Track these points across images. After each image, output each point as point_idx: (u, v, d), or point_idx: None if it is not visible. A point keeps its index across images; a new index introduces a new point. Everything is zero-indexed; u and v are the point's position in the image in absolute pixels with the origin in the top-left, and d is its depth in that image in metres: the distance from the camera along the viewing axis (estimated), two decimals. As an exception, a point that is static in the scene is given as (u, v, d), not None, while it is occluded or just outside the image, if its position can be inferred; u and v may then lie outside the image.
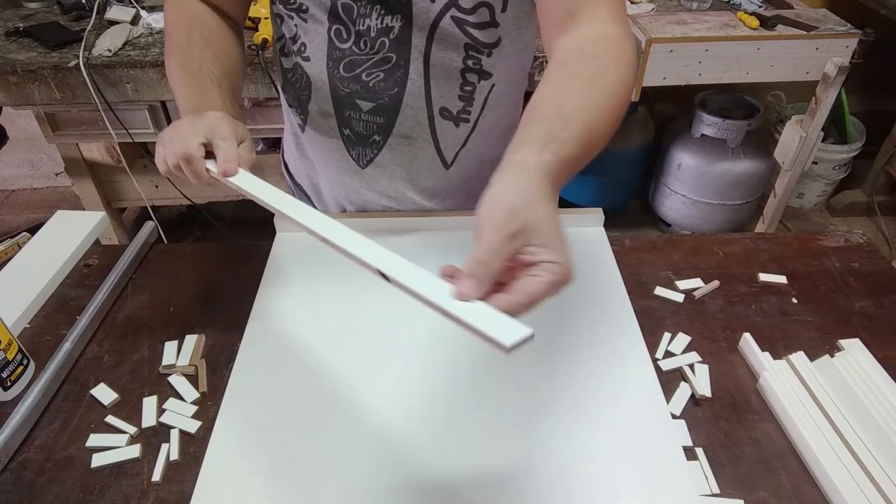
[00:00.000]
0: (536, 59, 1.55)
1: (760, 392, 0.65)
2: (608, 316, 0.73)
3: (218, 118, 0.64)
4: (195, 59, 0.71)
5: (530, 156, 0.49)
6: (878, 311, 0.75)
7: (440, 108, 0.78)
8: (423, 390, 0.64)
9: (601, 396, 0.63)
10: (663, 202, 2.26)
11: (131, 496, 0.56)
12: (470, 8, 0.69)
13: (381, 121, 0.79)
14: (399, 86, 0.76)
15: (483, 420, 0.62)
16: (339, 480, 0.56)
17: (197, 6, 0.76)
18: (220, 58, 0.73)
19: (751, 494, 0.56)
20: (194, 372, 0.67)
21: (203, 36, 0.73)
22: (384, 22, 0.71)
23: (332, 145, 0.84)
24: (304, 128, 0.85)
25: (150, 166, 1.90)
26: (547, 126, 0.52)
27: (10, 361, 0.64)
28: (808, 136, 1.63)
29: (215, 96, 0.69)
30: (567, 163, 0.51)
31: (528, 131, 0.53)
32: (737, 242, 0.86)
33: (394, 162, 0.83)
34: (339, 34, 0.73)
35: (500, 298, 0.44)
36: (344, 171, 0.86)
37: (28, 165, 2.57)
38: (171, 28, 0.75)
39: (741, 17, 1.73)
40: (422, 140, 0.81)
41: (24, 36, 1.62)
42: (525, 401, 0.63)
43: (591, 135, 0.54)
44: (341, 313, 0.73)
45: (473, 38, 0.72)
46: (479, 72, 0.76)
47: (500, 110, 0.83)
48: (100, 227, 0.89)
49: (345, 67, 0.75)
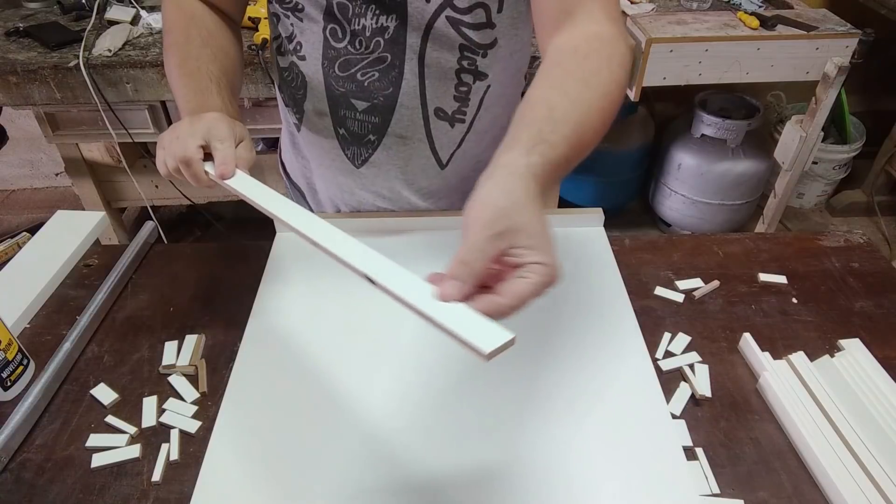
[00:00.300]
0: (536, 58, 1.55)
1: (760, 392, 0.65)
2: (608, 316, 0.73)
3: (215, 119, 0.64)
4: (193, 57, 0.71)
5: (518, 158, 0.49)
6: (878, 311, 0.75)
7: (435, 109, 0.78)
8: (423, 391, 0.64)
9: (601, 396, 0.63)
10: (663, 202, 2.26)
11: (131, 496, 0.56)
12: (465, 8, 0.69)
13: (376, 120, 0.79)
14: (394, 85, 0.76)
15: (483, 420, 0.62)
16: (338, 480, 0.56)
17: (196, 5, 0.76)
18: (219, 56, 0.73)
19: (751, 494, 0.56)
20: (194, 372, 0.67)
21: (201, 34, 0.73)
22: (379, 22, 0.71)
23: (328, 144, 0.84)
24: (299, 127, 0.86)
25: (149, 166, 1.90)
26: (536, 127, 0.52)
27: (10, 361, 0.64)
28: (808, 136, 1.63)
29: (214, 96, 0.69)
30: (555, 164, 0.51)
31: (518, 132, 0.53)
32: (737, 242, 0.86)
33: (389, 161, 0.83)
34: (335, 33, 0.73)
35: (485, 300, 0.43)
36: (339, 170, 0.86)
37: (28, 165, 2.57)
38: (170, 26, 0.75)
39: (741, 17, 1.73)
40: (417, 140, 0.81)
41: (24, 36, 1.62)
42: (525, 401, 0.63)
43: (581, 136, 0.54)
44: (341, 313, 0.73)
45: (468, 38, 0.72)
46: (475, 72, 0.76)
47: (497, 111, 0.83)
48: (100, 227, 0.89)
49: (340, 67, 0.75)
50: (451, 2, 0.69)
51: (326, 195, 0.91)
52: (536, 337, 0.70)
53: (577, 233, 0.85)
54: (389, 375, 0.66)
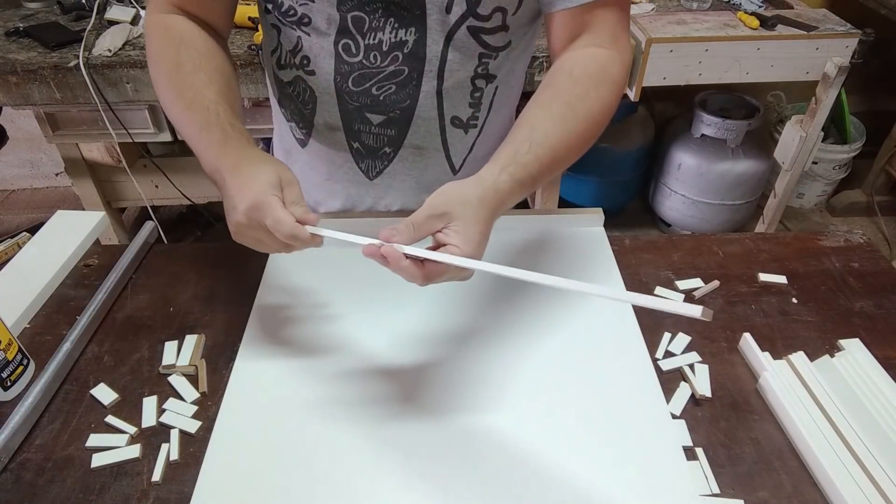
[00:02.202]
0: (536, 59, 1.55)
1: (760, 392, 0.65)
2: (608, 316, 0.73)
3: (260, 191, 0.57)
4: (188, 87, 0.66)
5: (489, 175, 0.58)
6: (878, 311, 0.75)
7: (452, 118, 0.77)
8: (423, 390, 0.64)
9: (601, 396, 0.63)
10: (663, 202, 2.26)
11: (131, 496, 0.56)
12: (487, 15, 0.68)
13: (393, 133, 0.78)
14: (411, 98, 0.74)
15: (482, 420, 0.62)
16: (338, 480, 0.56)
17: (184, 26, 0.71)
18: (214, 78, 0.67)
19: (751, 494, 0.56)
20: (194, 372, 0.67)
21: (192, 59, 0.68)
22: (398, 35, 0.69)
23: (340, 159, 0.82)
24: (306, 142, 0.83)
25: (149, 166, 1.90)
26: (514, 147, 0.61)
27: (10, 361, 0.64)
28: (808, 136, 1.63)
29: (216, 130, 0.63)
30: (521, 183, 0.59)
31: (500, 150, 0.62)
32: (737, 242, 0.86)
33: (404, 172, 0.82)
34: (348, 48, 0.70)
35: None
36: (351, 182, 0.84)
37: (28, 165, 2.57)
38: (157, 56, 0.70)
39: (741, 17, 1.73)
40: (433, 150, 0.80)
41: (24, 36, 1.62)
42: (525, 401, 0.63)
43: (554, 157, 0.62)
44: (341, 313, 0.73)
45: (486, 44, 0.71)
46: (486, 76, 0.75)
47: (504, 111, 0.82)
48: (100, 227, 0.89)
49: (354, 81, 0.73)
50: (473, 10, 0.67)
51: (325, 208, 0.89)
52: (536, 337, 0.70)
53: (577, 233, 0.85)
54: (389, 374, 0.66)
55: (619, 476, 0.56)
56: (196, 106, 0.65)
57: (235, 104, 0.69)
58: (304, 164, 0.87)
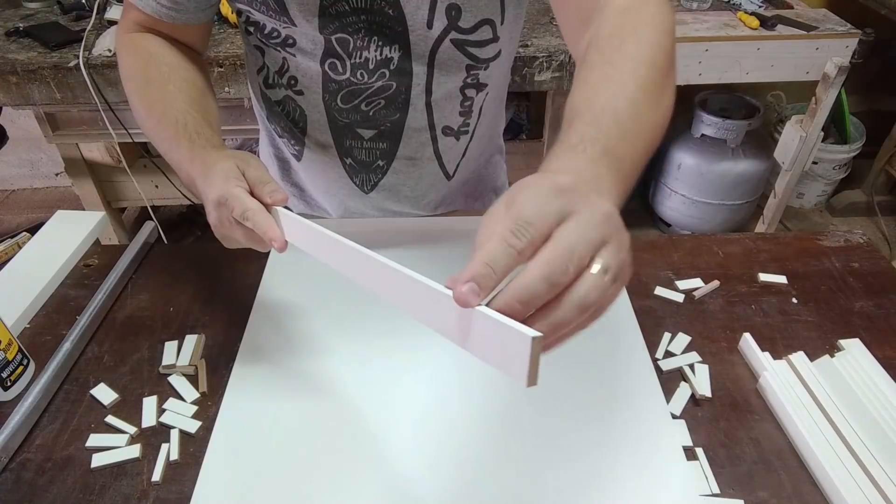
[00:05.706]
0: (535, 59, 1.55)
1: (760, 392, 0.65)
2: (608, 316, 0.72)
3: (221, 177, 0.56)
4: (157, 100, 0.66)
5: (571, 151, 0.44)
6: (878, 311, 0.75)
7: (443, 127, 0.77)
8: (424, 392, 0.64)
9: (601, 396, 0.63)
10: (663, 202, 2.26)
11: (131, 496, 0.56)
12: (470, 28, 0.67)
13: (385, 146, 0.77)
14: (401, 111, 0.74)
15: (481, 419, 0.62)
16: (338, 481, 0.56)
17: (153, 43, 0.71)
18: (183, 88, 0.67)
19: (751, 494, 0.56)
20: (194, 372, 0.67)
21: (161, 72, 0.68)
22: (383, 53, 0.68)
23: (334, 174, 0.82)
24: (300, 157, 0.83)
25: (149, 166, 1.90)
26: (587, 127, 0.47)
27: (10, 361, 0.64)
28: (808, 136, 1.63)
29: (183, 138, 0.63)
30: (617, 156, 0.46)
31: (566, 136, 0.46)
32: (737, 242, 0.86)
33: (399, 183, 0.82)
34: (334, 67, 0.70)
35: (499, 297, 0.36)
36: (347, 196, 0.84)
37: (28, 165, 2.57)
38: (127, 73, 0.70)
39: (741, 17, 1.73)
40: (426, 159, 0.80)
41: (24, 36, 1.62)
42: (524, 401, 0.63)
43: (617, 117, 0.48)
44: (342, 313, 0.73)
45: (474, 56, 0.71)
46: (477, 85, 0.75)
47: (492, 112, 0.83)
48: (100, 227, 0.89)
49: (342, 99, 0.73)
50: (455, 24, 0.66)
51: (327, 215, 0.89)
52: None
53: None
54: (390, 374, 0.66)
55: (619, 476, 0.56)
56: (166, 120, 0.64)
57: (210, 111, 0.68)
58: (301, 175, 0.87)
